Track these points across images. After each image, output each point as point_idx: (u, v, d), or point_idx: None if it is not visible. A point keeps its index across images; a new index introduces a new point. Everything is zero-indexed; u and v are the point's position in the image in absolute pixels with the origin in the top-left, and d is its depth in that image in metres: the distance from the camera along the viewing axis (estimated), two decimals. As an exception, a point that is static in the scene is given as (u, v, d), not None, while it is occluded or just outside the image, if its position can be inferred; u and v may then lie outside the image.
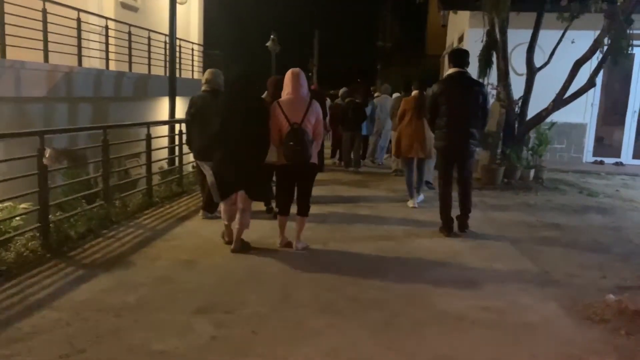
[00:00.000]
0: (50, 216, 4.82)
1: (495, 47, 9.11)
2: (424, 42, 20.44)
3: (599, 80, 11.83)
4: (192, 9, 16.97)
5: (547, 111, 8.50)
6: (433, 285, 4.15)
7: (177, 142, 8.25)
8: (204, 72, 17.07)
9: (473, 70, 10.29)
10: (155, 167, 7.28)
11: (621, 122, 11.99)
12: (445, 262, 4.82)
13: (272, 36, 16.59)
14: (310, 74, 21.09)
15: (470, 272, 4.55)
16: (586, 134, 11.96)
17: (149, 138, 6.74)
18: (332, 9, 27.27)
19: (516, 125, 8.98)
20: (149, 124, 6.94)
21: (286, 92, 4.80)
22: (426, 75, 23.18)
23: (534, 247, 5.39)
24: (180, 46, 14.19)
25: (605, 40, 8.19)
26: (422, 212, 6.73)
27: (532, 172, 8.90)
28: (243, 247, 4.89)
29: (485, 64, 9.35)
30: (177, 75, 13.12)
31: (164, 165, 7.91)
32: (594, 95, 11.96)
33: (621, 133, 12.01)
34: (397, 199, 7.55)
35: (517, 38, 9.75)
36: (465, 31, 12.48)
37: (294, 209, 4.99)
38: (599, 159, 11.85)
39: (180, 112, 9.10)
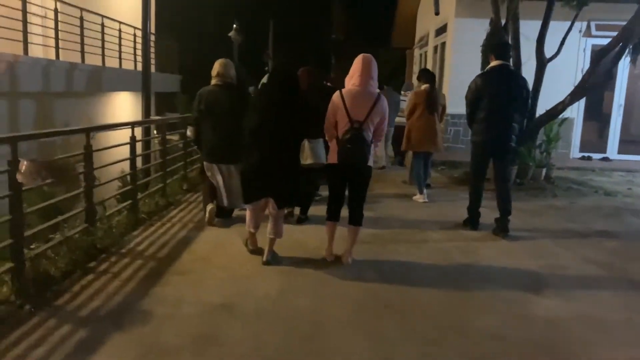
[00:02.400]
0: (24, 251, 3.57)
1: (500, 37, 8.45)
2: (388, 34, 19.74)
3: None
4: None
5: (564, 105, 7.93)
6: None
7: (155, 146, 7.00)
8: (156, 63, 15.70)
9: (473, 63, 9.78)
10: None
11: (606, 117, 11.78)
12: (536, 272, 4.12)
13: (234, 25, 15.34)
14: (266, 67, 19.92)
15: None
16: (573, 129, 11.65)
17: (133, 141, 5.50)
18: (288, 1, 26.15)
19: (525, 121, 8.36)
20: (134, 124, 5.68)
21: (352, 81, 4.11)
22: (391, 69, 22.74)
23: (609, 257, 4.80)
24: (135, 35, 12.78)
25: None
26: (439, 208, 6.63)
27: (543, 172, 8.32)
28: (274, 259, 4.35)
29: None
30: (120, 66, 11.85)
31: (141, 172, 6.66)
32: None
33: (606, 128, 11.80)
34: (401, 194, 7.29)
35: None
36: (450, 21, 11.84)
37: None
38: (586, 154, 11.57)
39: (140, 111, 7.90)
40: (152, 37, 15.37)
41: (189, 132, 6.80)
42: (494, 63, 5.22)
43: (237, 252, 4.58)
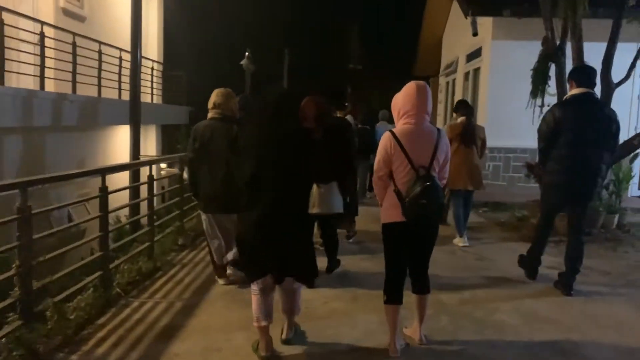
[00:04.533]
0: None
1: (555, 58, 7.15)
2: (410, 62, 18.59)
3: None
4: (151, 21, 14.40)
5: (640, 139, 6.54)
6: None
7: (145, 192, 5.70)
8: (163, 95, 14.72)
9: (512, 89, 8.46)
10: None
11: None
12: None
13: (247, 53, 14.30)
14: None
15: None
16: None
17: (105, 193, 4.18)
18: (303, 27, 25.35)
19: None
20: (104, 171, 4.35)
21: (403, 118, 3.24)
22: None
23: None
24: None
25: None
26: (491, 261, 5.62)
27: (615, 218, 6.86)
28: (297, 335, 3.50)
29: (541, 80, 7.37)
30: (119, 97, 10.71)
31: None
32: (638, 118, 10.27)
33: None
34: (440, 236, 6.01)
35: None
36: (487, 44, 10.57)
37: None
38: (647, 192, 10.07)
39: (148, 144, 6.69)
40: (160, 67, 14.46)
41: (185, 174, 5.69)
42: (575, 91, 4.42)
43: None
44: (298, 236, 3.21)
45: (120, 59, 10.58)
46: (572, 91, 4.45)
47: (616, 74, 6.93)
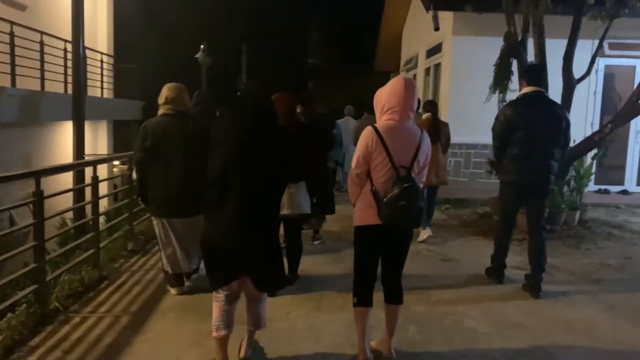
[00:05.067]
0: None
1: (517, 53, 7.08)
2: (371, 58, 18.44)
3: (598, 94, 10.51)
4: (100, 11, 13.64)
5: (602, 135, 6.52)
6: None
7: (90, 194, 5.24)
8: (114, 89, 14.04)
9: (474, 85, 8.40)
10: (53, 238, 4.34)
11: (622, 145, 10.48)
12: None
13: (202, 46, 13.72)
14: (238, 92, 18.33)
15: None
16: (588, 159, 10.30)
17: (40, 196, 3.74)
18: (261, 21, 24.84)
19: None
20: (39, 173, 3.90)
21: (387, 113, 3.01)
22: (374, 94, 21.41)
23: None
24: (85, 56, 11.02)
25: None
26: (455, 262, 5.39)
27: (577, 215, 6.86)
28: (255, 352, 3.22)
29: (504, 76, 7.30)
30: (65, 91, 10.04)
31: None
32: (594, 114, 10.43)
33: (623, 156, 10.50)
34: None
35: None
36: (447, 39, 10.48)
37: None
38: (603, 187, 10.22)
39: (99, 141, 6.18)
40: (110, 60, 13.74)
41: (134, 175, 5.33)
42: (526, 89, 4.46)
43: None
44: (269, 239, 2.97)
45: (65, 50, 9.92)
46: (523, 90, 4.48)
47: (576, 71, 6.92)
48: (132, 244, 5.55)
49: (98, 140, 14.06)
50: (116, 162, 15.76)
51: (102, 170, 11.64)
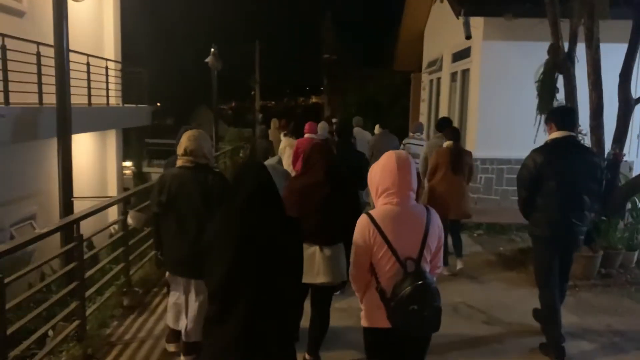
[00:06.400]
0: None
1: (565, 68, 6.23)
2: (389, 54, 17.56)
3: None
4: (106, 18, 12.99)
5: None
6: None
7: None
8: (123, 96, 13.35)
9: (505, 94, 7.50)
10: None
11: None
12: None
13: (212, 49, 13.00)
14: (252, 92, 17.66)
15: None
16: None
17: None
18: (273, 18, 24.05)
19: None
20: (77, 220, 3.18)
21: (382, 197, 2.64)
22: (392, 94, 20.55)
23: None
24: (88, 64, 10.34)
25: None
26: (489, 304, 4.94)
27: (635, 256, 6.02)
28: None
29: (549, 93, 6.45)
30: (76, 102, 9.35)
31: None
32: None
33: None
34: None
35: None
36: (477, 44, 9.58)
37: None
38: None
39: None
40: (118, 66, 13.07)
41: (129, 220, 4.80)
42: (555, 134, 4.14)
43: None
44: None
45: (67, 60, 9.22)
46: (553, 134, 4.15)
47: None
48: (128, 300, 4.88)
49: (107, 151, 13.48)
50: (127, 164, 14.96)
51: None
